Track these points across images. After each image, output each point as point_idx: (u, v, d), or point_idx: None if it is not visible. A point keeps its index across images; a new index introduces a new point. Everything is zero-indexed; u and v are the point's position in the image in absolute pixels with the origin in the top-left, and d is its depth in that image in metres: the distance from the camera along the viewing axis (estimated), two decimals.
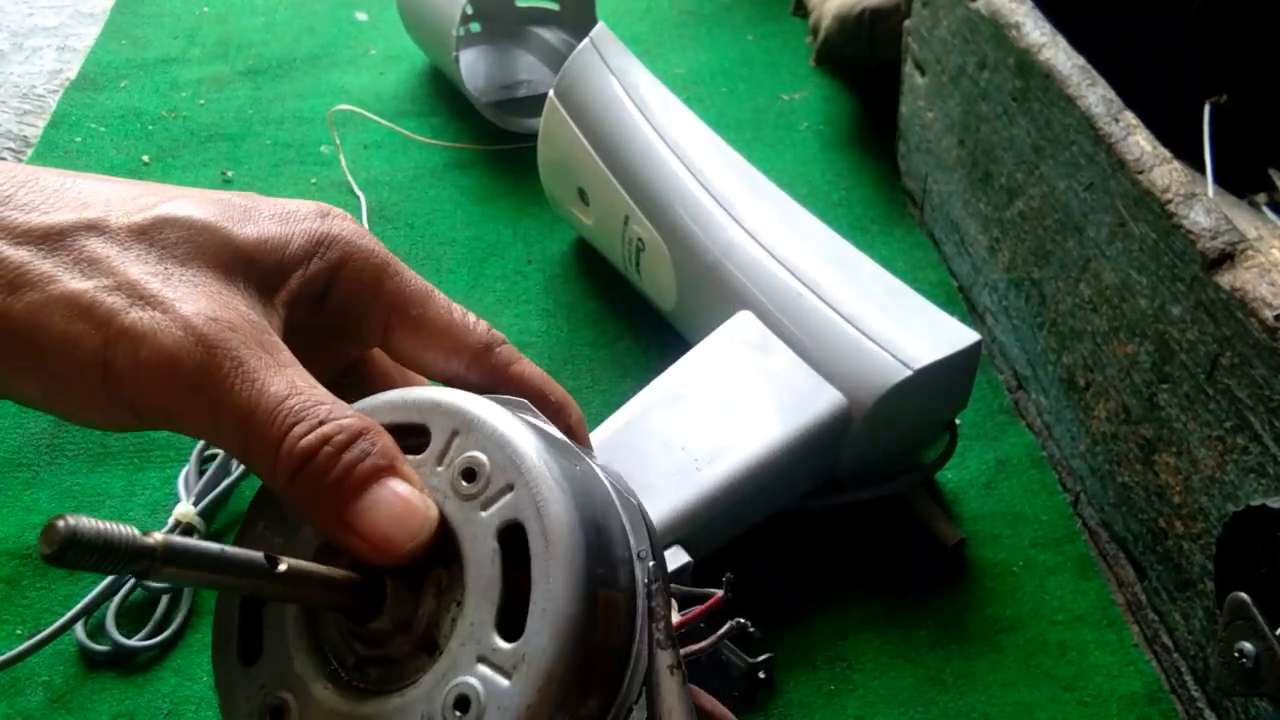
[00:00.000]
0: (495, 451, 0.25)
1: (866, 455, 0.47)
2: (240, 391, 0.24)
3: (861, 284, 0.49)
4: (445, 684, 0.23)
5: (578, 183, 0.59)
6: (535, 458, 0.25)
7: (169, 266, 0.25)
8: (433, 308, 0.30)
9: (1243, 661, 0.33)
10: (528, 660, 0.23)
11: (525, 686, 0.23)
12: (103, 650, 0.45)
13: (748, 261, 0.50)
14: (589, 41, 0.57)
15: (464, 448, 0.25)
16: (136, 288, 0.24)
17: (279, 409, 0.24)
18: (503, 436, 0.25)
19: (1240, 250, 0.38)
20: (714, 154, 0.55)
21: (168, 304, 0.24)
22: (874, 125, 0.76)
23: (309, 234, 0.28)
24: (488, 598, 0.24)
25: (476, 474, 0.25)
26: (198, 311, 0.24)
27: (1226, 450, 0.39)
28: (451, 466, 0.25)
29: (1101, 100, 0.45)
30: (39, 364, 0.23)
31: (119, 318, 0.23)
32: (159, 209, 0.26)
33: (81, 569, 0.18)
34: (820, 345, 0.46)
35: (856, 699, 0.45)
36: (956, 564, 0.49)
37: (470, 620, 0.24)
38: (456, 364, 0.31)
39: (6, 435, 0.55)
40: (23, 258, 0.23)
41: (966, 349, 0.46)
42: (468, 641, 0.24)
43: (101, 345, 0.23)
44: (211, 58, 0.84)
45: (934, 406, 0.49)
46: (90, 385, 0.23)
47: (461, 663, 0.23)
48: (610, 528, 0.26)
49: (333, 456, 0.24)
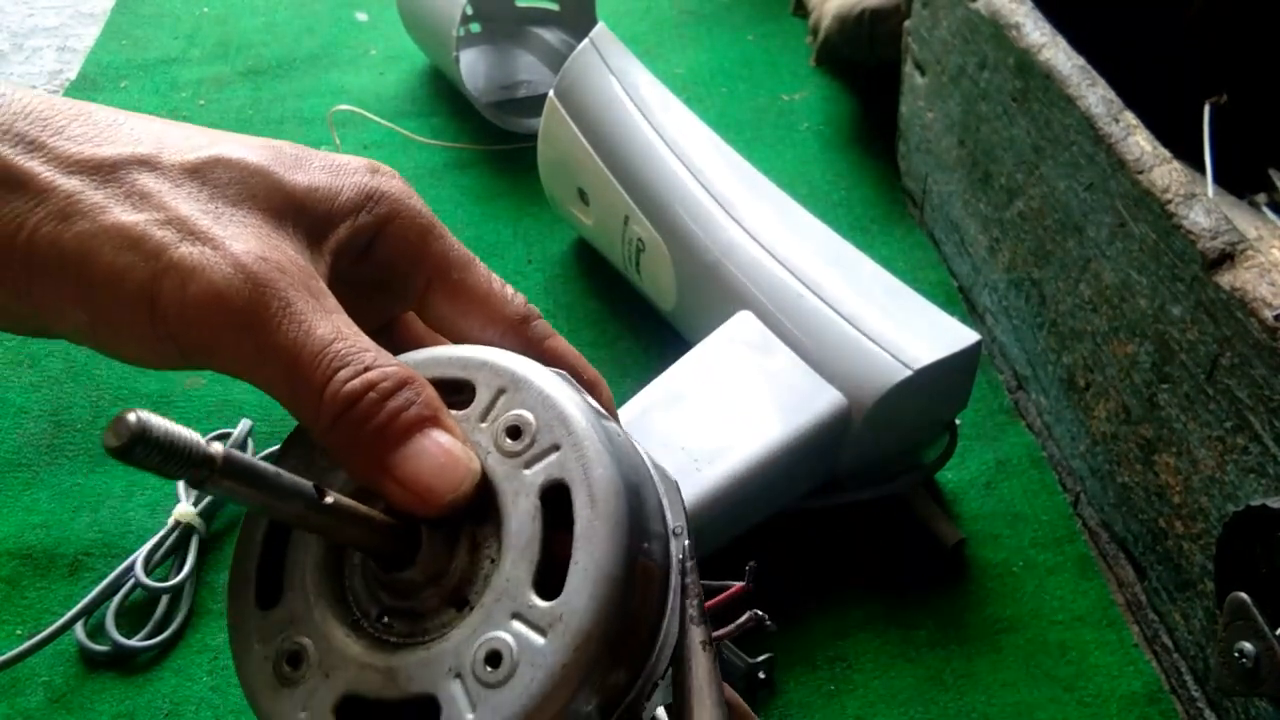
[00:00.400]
0: (543, 411, 0.25)
1: (867, 455, 0.47)
2: (287, 332, 0.23)
3: (861, 284, 0.49)
4: (476, 638, 0.23)
5: (578, 183, 0.59)
6: (583, 420, 0.25)
7: (219, 206, 0.25)
8: (474, 274, 0.30)
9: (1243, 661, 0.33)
10: (565, 619, 0.23)
11: (560, 645, 0.23)
12: (103, 650, 0.45)
13: (748, 261, 0.50)
14: (589, 42, 0.57)
15: (510, 406, 0.25)
16: (187, 223, 0.24)
17: (325, 352, 0.24)
18: (551, 397, 0.25)
19: (1240, 250, 0.38)
20: (714, 154, 0.55)
21: (218, 240, 0.24)
22: (874, 125, 0.76)
23: (359, 187, 0.28)
24: (526, 555, 0.24)
25: (522, 432, 0.25)
26: (247, 250, 0.24)
27: (1226, 450, 0.39)
28: (496, 424, 0.25)
29: (1101, 100, 0.45)
30: (87, 295, 0.23)
31: (169, 252, 0.23)
32: (212, 149, 0.26)
33: (143, 467, 0.18)
34: (820, 345, 0.46)
35: (856, 699, 0.45)
36: (956, 564, 0.49)
37: (506, 576, 0.23)
38: (492, 333, 0.31)
39: (6, 435, 0.55)
40: (74, 187, 0.23)
41: (966, 349, 0.46)
42: (503, 597, 0.23)
43: (150, 278, 0.23)
44: (211, 58, 0.84)
45: (934, 406, 0.49)
46: (136, 318, 0.23)
47: (495, 618, 0.23)
48: (648, 500, 0.26)
49: (377, 403, 0.24)
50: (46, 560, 0.49)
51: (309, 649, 0.24)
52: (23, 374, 0.58)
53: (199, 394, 0.57)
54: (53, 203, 0.23)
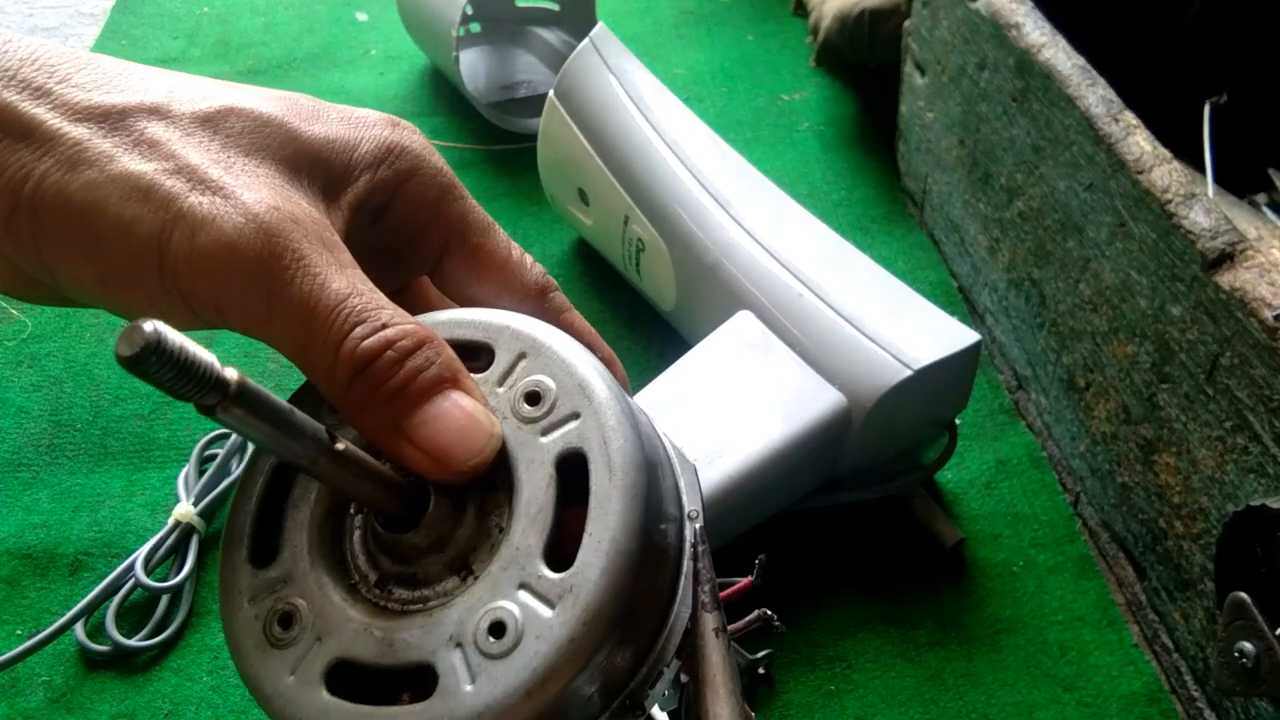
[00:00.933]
0: (564, 378, 0.24)
1: (867, 456, 0.47)
2: (301, 285, 0.22)
3: (861, 284, 0.49)
4: (480, 607, 0.22)
5: (578, 183, 0.59)
6: (605, 390, 0.24)
7: (232, 155, 0.24)
8: (493, 239, 0.29)
9: (1243, 661, 0.33)
10: (575, 591, 0.22)
11: (569, 618, 0.21)
12: (103, 650, 0.45)
13: (747, 261, 0.50)
14: (589, 42, 0.57)
15: (530, 371, 0.24)
16: (197, 173, 0.23)
17: (341, 307, 0.22)
18: (573, 365, 0.24)
19: (1240, 250, 0.38)
20: (714, 154, 0.55)
21: (229, 190, 0.23)
22: (874, 125, 0.76)
23: (379, 140, 0.27)
24: (537, 524, 0.23)
25: (541, 398, 0.24)
26: (260, 200, 0.23)
27: (1226, 450, 0.39)
28: (514, 389, 0.24)
29: (1101, 100, 0.45)
30: (95, 247, 0.22)
31: (178, 201, 0.22)
32: (224, 99, 0.25)
33: (154, 382, 0.17)
34: (820, 345, 0.46)
35: (856, 699, 0.45)
36: (956, 564, 0.49)
37: (516, 545, 0.22)
38: (508, 301, 0.29)
39: (6, 435, 0.55)
40: (81, 135, 0.22)
41: (966, 349, 0.46)
42: (510, 566, 0.22)
43: (158, 229, 0.22)
44: (211, 58, 0.84)
45: (934, 407, 0.49)
46: (145, 272, 0.22)
47: (501, 587, 0.22)
48: (665, 479, 0.25)
49: (395, 362, 0.22)
50: (46, 560, 0.49)
51: (302, 610, 0.23)
52: (23, 374, 0.58)
53: None
54: (60, 151, 0.22)
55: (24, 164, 0.22)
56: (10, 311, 0.62)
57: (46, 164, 0.22)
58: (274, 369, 0.58)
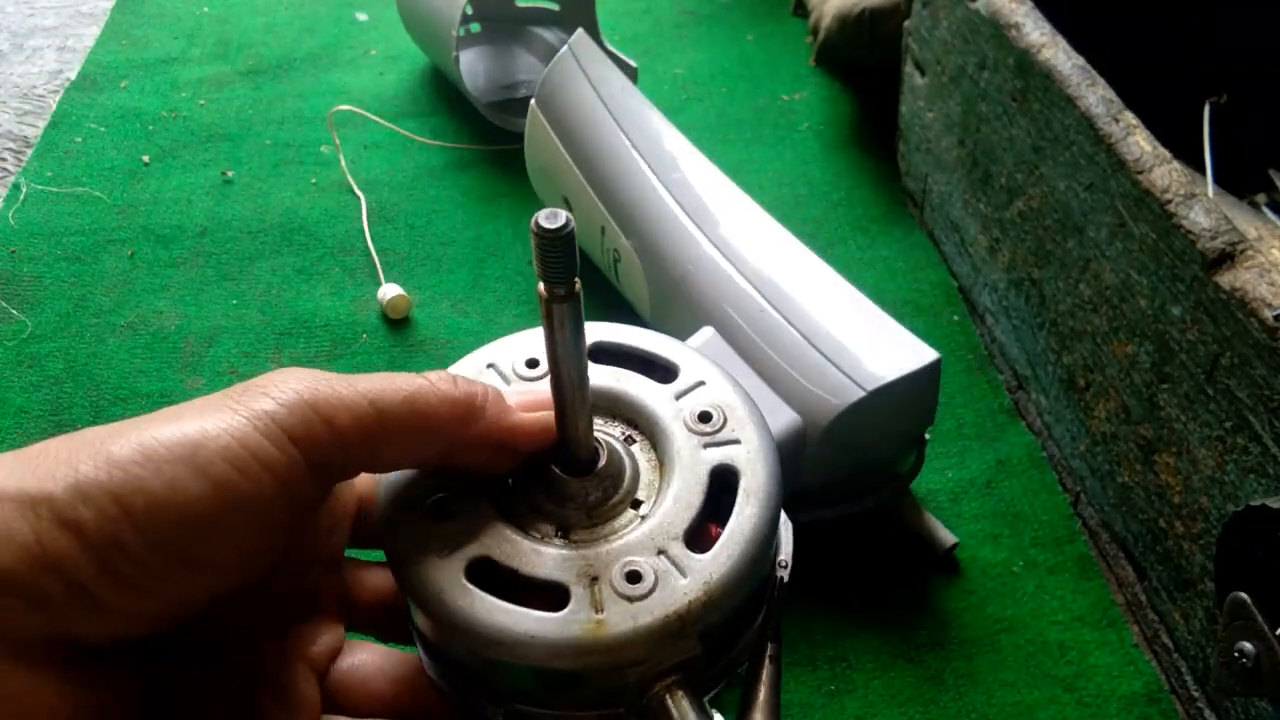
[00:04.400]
0: (736, 410, 0.30)
1: (828, 473, 0.46)
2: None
3: (825, 300, 0.48)
4: (624, 554, 0.27)
5: (561, 190, 0.59)
6: (765, 433, 0.30)
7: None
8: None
9: (1243, 661, 0.33)
10: (708, 568, 0.26)
11: (696, 586, 0.26)
12: None
13: (712, 277, 0.50)
14: (567, 49, 0.57)
15: (706, 396, 0.30)
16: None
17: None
18: (744, 406, 0.30)
19: (1240, 250, 0.38)
20: (688, 165, 0.55)
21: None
22: (874, 125, 0.76)
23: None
24: (687, 511, 0.27)
25: (712, 418, 0.30)
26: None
27: (1226, 450, 0.39)
28: (689, 403, 0.30)
29: (1101, 100, 0.45)
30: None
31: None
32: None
33: (553, 252, 0.24)
34: (778, 363, 0.46)
35: (856, 699, 0.45)
36: (956, 564, 0.49)
37: (666, 520, 0.27)
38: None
39: (6, 435, 0.55)
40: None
41: (925, 367, 0.45)
42: (656, 535, 0.27)
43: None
44: (211, 58, 0.84)
45: (897, 423, 0.48)
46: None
47: (644, 547, 0.27)
48: (777, 523, 0.29)
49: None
50: None
51: (455, 508, 0.28)
52: (23, 374, 0.58)
53: (199, 394, 0.57)
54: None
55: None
56: (10, 312, 0.62)
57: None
58: (273, 367, 0.58)
